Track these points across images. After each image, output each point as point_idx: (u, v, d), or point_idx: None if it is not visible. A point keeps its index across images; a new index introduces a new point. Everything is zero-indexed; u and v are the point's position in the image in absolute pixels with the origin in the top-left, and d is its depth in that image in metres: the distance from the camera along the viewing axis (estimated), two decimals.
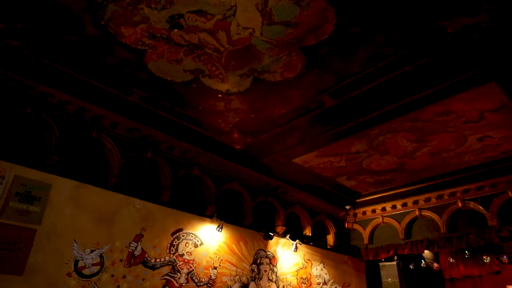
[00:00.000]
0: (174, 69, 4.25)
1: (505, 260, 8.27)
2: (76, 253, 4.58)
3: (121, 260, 4.96)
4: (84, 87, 4.58)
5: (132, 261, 5.08)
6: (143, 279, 5.12)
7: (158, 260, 5.35)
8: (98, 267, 4.72)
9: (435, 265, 9.23)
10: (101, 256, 4.78)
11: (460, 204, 7.07)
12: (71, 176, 4.77)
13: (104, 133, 5.13)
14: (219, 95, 4.62)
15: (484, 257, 8.19)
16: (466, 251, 7.80)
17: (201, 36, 3.79)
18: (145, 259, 5.21)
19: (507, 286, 9.08)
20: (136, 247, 5.16)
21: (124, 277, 4.93)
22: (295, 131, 5.31)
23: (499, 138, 5.56)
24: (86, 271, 4.60)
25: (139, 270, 5.11)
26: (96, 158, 5.15)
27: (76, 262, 4.54)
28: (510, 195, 6.55)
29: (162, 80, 4.44)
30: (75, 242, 4.60)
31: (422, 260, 8.55)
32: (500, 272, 9.12)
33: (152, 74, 4.34)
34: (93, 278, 4.63)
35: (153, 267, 5.26)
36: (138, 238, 5.22)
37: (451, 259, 8.90)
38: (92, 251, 4.71)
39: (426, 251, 7.95)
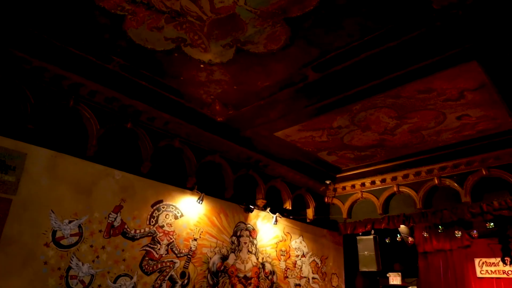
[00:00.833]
0: (155, 37, 4.11)
1: (474, 235, 8.63)
2: (54, 223, 4.52)
3: (100, 231, 4.94)
4: (61, 54, 4.40)
5: (112, 232, 5.06)
6: (123, 250, 5.12)
7: (138, 231, 5.34)
8: (77, 237, 4.69)
9: (410, 239, 9.57)
10: (79, 226, 4.74)
11: (436, 181, 7.25)
12: (47, 145, 4.64)
13: (82, 102, 4.97)
14: (201, 66, 4.52)
15: (456, 232, 8.53)
16: (440, 226, 8.09)
17: (183, 3, 3.65)
18: (124, 230, 5.20)
19: (474, 259, 9.52)
20: (115, 218, 5.13)
21: (103, 247, 4.92)
22: (278, 104, 5.27)
23: (477, 117, 5.65)
24: (64, 242, 4.56)
25: (118, 241, 5.10)
26: (74, 128, 5.02)
27: (54, 232, 4.49)
28: (484, 173, 6.75)
29: (142, 48, 4.30)
30: (53, 212, 4.53)
31: (398, 235, 8.84)
32: (470, 246, 9.54)
33: (132, 41, 4.20)
34: (71, 249, 4.60)
35: (133, 238, 5.26)
36: (118, 209, 5.19)
37: (425, 233, 9.23)
38: (70, 222, 4.66)
39: (402, 226, 8.20)
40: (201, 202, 6.09)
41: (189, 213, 6.07)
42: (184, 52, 4.32)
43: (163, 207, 5.74)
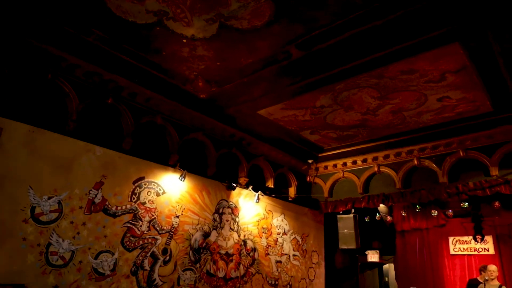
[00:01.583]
0: (136, 9, 3.98)
1: (450, 214, 8.93)
2: (33, 199, 4.45)
3: (80, 207, 4.89)
4: (39, 26, 4.23)
5: (92, 208, 5.02)
6: (104, 227, 5.10)
7: (119, 208, 5.32)
8: (57, 214, 4.64)
9: (389, 218, 9.84)
10: (59, 203, 4.68)
11: (416, 162, 7.41)
12: (25, 120, 4.51)
13: (61, 76, 4.82)
14: (184, 40, 4.41)
15: (432, 211, 8.80)
16: (417, 206, 8.32)
17: None
18: (105, 206, 5.16)
19: (449, 237, 9.88)
20: (96, 195, 5.09)
21: (84, 224, 4.88)
22: (261, 82, 5.22)
23: (457, 100, 5.74)
24: (43, 218, 4.50)
25: (99, 217, 5.07)
26: (53, 103, 4.87)
27: (33, 208, 4.42)
28: (462, 154, 6.92)
29: (123, 21, 4.16)
30: (31, 188, 4.45)
31: (377, 214, 9.07)
32: (445, 225, 9.89)
33: (112, 13, 4.05)
34: (51, 225, 4.55)
35: (114, 215, 5.24)
36: (99, 185, 5.14)
37: (403, 213, 9.50)
38: (49, 198, 4.59)
39: (381, 205, 8.38)
40: (183, 179, 6.08)
41: (171, 190, 6.06)
42: (166, 26, 4.20)
43: (145, 184, 5.71)
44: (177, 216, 6.07)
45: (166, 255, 5.79)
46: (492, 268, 7.64)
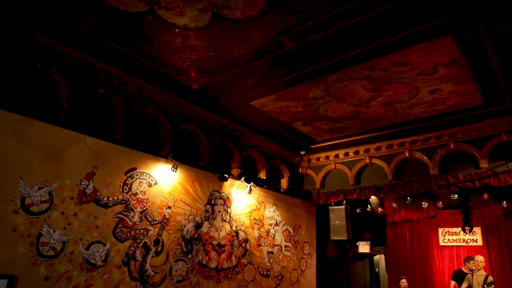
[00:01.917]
0: None
1: (440, 206, 9.04)
2: (23, 190, 4.41)
3: (71, 198, 4.86)
4: (30, 13, 4.15)
5: (84, 199, 5.00)
6: (95, 217, 5.08)
7: (110, 198, 5.30)
8: (47, 204, 4.61)
9: (380, 209, 9.93)
10: (50, 193, 4.65)
11: (407, 154, 7.48)
12: (14, 109, 4.45)
13: (51, 65, 4.76)
14: (176, 30, 4.36)
15: (423, 203, 8.90)
16: (408, 198, 8.41)
17: None
18: (97, 197, 5.14)
19: (438, 228, 10.02)
20: (87, 185, 5.06)
21: (75, 214, 4.86)
22: (254, 72, 5.20)
23: (448, 92, 5.77)
24: (34, 208, 4.47)
25: (91, 208, 5.05)
26: (43, 92, 4.82)
27: (23, 199, 4.39)
28: (452, 147, 6.99)
29: (114, 9, 4.09)
30: (21, 178, 4.41)
31: (369, 205, 9.15)
32: (435, 216, 10.02)
33: (103, 2, 3.99)
34: (42, 216, 4.53)
35: (106, 206, 5.22)
36: (90, 176, 5.11)
37: (394, 204, 9.59)
38: (40, 188, 4.56)
39: (372, 197, 8.47)
40: (175, 170, 6.07)
41: (163, 181, 6.04)
42: (158, 15, 4.15)
43: (137, 175, 5.69)
44: (169, 207, 6.07)
45: (158, 246, 5.79)
46: (479, 258, 7.78)
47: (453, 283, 8.31)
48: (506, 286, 7.45)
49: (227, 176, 7.07)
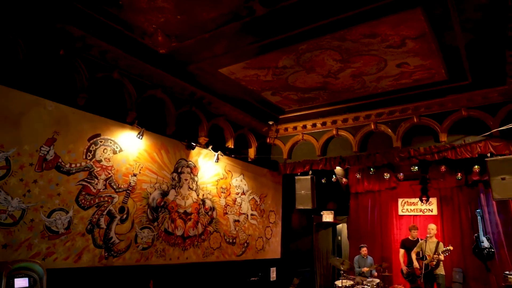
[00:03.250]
0: None
1: (401, 177, 9.40)
2: None
3: (31, 164, 4.67)
4: None
5: (44, 165, 4.82)
6: (57, 184, 4.93)
7: (73, 165, 5.14)
8: (4, 171, 4.41)
9: (344, 180, 10.22)
10: (6, 159, 4.45)
11: (372, 126, 7.65)
12: None
13: (8, 23, 4.42)
14: None
15: (385, 174, 9.21)
16: (371, 169, 8.67)
17: None
18: (58, 163, 4.97)
19: (398, 199, 10.48)
20: (48, 151, 4.87)
21: (35, 181, 4.70)
22: (223, 39, 5.05)
23: (415, 66, 5.89)
24: None
25: (52, 175, 4.89)
26: None
27: None
28: (416, 120, 7.21)
29: None
30: None
31: (334, 176, 9.37)
32: (396, 187, 10.43)
33: None
34: None
35: (68, 172, 5.07)
36: (51, 142, 4.91)
37: (358, 175, 9.87)
38: None
39: (338, 168, 8.68)
40: (141, 137, 5.94)
41: (129, 148, 5.91)
42: None
43: (101, 141, 5.53)
44: (135, 175, 5.97)
45: (123, 214, 5.73)
46: (431, 226, 8.24)
47: (401, 251, 8.80)
48: (455, 250, 7.95)
49: (194, 144, 7.00)
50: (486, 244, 8.68)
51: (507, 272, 7.55)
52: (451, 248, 7.73)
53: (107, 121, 5.65)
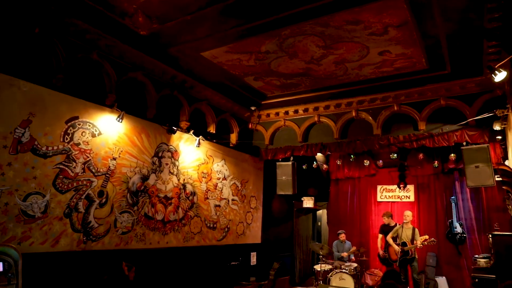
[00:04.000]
0: None
1: (380, 164, 9.56)
2: None
3: (5, 147, 4.55)
4: None
5: (19, 148, 4.70)
6: (33, 167, 4.82)
7: (50, 148, 5.03)
8: None
9: (325, 166, 10.31)
10: None
11: (354, 114, 7.73)
12: None
13: None
14: None
15: (365, 161, 9.33)
16: (352, 156, 8.77)
17: None
18: (34, 146, 4.85)
19: (377, 185, 10.67)
20: (23, 134, 4.75)
21: (9, 164, 4.58)
22: (206, 21, 4.96)
23: (396, 55, 5.95)
24: None
25: (27, 157, 4.77)
26: None
27: None
28: (396, 108, 7.31)
29: None
30: None
31: (314, 162, 9.44)
32: (375, 174, 10.60)
33: None
34: None
35: (45, 155, 4.96)
36: (26, 124, 4.78)
37: (338, 162, 9.97)
38: None
39: (319, 154, 8.75)
40: (121, 120, 5.83)
41: (108, 132, 5.81)
42: None
43: (79, 124, 5.42)
44: (114, 159, 5.88)
45: (102, 198, 5.66)
46: (407, 213, 8.44)
47: (380, 235, 9.00)
48: (431, 236, 8.19)
49: (175, 128, 6.93)
50: (459, 229, 8.97)
51: (476, 256, 7.85)
52: (435, 240, 7.94)
53: (86, 104, 5.53)
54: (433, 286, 8.72)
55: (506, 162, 6.71)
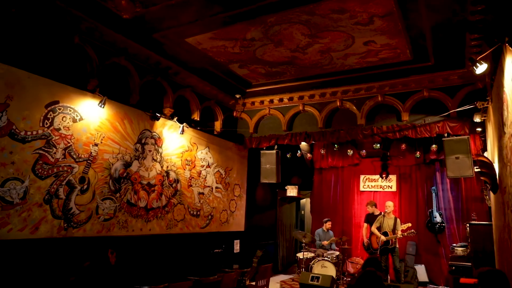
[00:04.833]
0: None
1: (363, 154, 9.66)
2: None
3: None
4: None
5: None
6: (11, 152, 4.72)
7: (29, 133, 4.92)
8: None
9: (309, 155, 10.38)
10: None
11: (338, 103, 7.76)
12: None
13: None
14: None
15: (349, 150, 9.42)
16: (336, 145, 8.84)
17: None
18: (12, 130, 4.73)
19: (360, 175, 10.82)
20: (0, 117, 4.62)
21: None
22: (190, 6, 4.87)
23: (381, 45, 5.97)
24: None
25: (5, 142, 4.66)
26: None
27: None
28: (380, 99, 7.37)
29: None
30: None
31: (299, 151, 9.50)
32: (358, 164, 10.75)
33: None
34: None
35: (23, 140, 4.85)
36: (3, 107, 4.65)
37: (322, 151, 10.07)
38: None
39: (303, 143, 8.80)
40: (103, 106, 5.74)
41: (90, 117, 5.72)
42: None
43: (60, 109, 5.31)
44: (96, 145, 5.80)
45: (84, 184, 5.59)
46: (388, 204, 8.58)
47: (365, 225, 9.16)
48: (412, 226, 8.38)
49: (159, 115, 6.86)
50: (438, 219, 9.20)
51: (454, 245, 8.08)
52: (415, 232, 8.13)
53: (67, 88, 5.41)
54: (412, 274, 8.94)
55: (485, 154, 6.87)
